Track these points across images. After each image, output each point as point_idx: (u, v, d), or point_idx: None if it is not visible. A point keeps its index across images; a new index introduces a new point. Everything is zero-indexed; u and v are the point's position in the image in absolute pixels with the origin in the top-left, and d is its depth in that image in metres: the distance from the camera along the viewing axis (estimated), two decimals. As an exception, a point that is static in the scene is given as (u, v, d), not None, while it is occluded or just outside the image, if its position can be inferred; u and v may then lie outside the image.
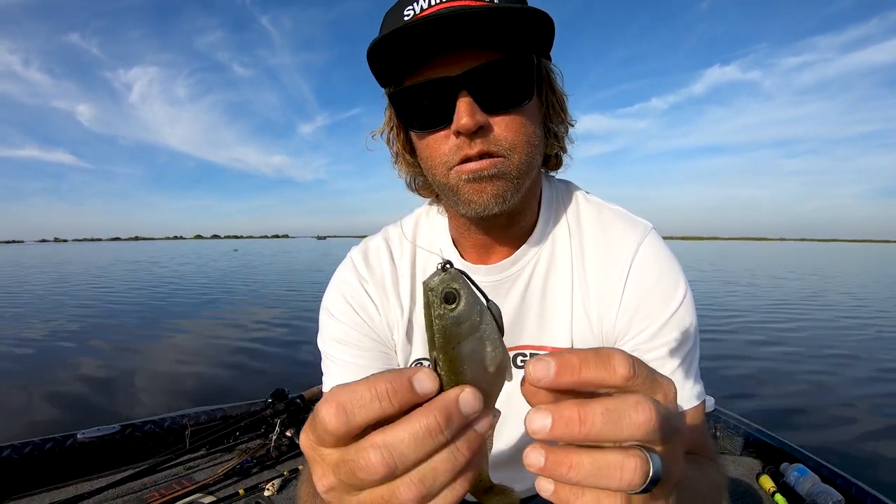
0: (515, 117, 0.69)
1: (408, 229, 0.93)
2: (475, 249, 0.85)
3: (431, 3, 0.65)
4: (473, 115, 0.65)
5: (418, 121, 0.72)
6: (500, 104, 0.68)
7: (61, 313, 10.41)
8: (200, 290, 15.12)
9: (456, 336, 0.35)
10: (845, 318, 9.97)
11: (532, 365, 0.32)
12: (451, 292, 0.34)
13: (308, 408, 2.77)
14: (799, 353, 6.86)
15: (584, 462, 0.32)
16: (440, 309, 0.35)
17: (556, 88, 0.78)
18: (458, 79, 0.65)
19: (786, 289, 16.10)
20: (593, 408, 0.31)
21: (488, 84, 0.66)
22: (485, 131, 0.67)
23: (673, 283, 0.79)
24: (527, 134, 0.70)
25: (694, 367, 0.80)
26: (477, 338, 0.35)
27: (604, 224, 0.85)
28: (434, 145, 0.72)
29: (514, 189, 0.71)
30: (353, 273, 0.90)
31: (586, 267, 0.82)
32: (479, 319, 0.35)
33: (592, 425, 0.31)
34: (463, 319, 0.34)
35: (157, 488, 2.14)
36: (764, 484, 2.17)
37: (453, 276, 0.35)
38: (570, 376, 0.32)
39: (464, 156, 0.68)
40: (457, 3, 0.64)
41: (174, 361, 6.34)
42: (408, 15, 0.67)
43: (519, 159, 0.70)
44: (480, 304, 0.35)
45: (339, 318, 0.88)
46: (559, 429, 0.32)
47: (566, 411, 0.32)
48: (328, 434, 0.32)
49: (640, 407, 0.32)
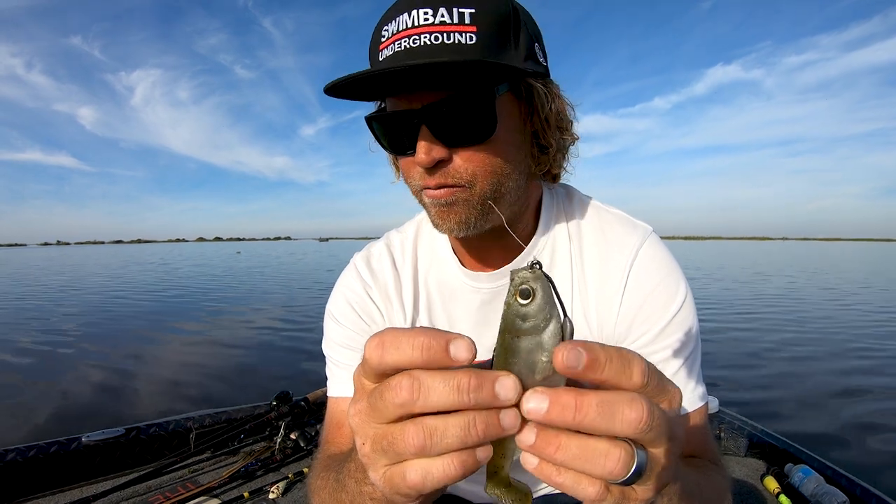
0: (477, 151, 0.68)
1: (409, 235, 0.94)
2: (473, 257, 0.86)
3: (400, 28, 0.65)
4: (430, 151, 0.66)
5: (390, 145, 0.75)
6: (460, 139, 0.67)
7: (66, 315, 10.46)
8: (204, 293, 15.15)
9: (516, 329, 0.36)
10: (852, 318, 9.93)
11: (566, 350, 0.32)
12: (527, 289, 0.36)
13: (312, 411, 2.78)
14: (803, 354, 6.84)
15: (572, 445, 0.33)
16: (511, 298, 0.36)
17: (542, 109, 0.73)
18: (418, 113, 0.66)
19: (788, 288, 16.07)
20: (590, 398, 0.33)
21: (446, 119, 0.66)
22: (444, 164, 0.68)
23: (673, 286, 0.79)
24: (492, 164, 0.69)
25: (696, 369, 0.80)
26: (536, 341, 0.36)
27: (603, 228, 0.85)
28: (406, 167, 0.75)
29: (478, 215, 0.71)
30: (356, 279, 0.91)
31: (586, 271, 0.83)
32: (543, 326, 0.35)
33: (586, 414, 0.32)
34: (528, 317, 0.36)
35: (162, 491, 2.15)
36: (768, 485, 2.17)
37: (537, 276, 0.36)
38: (593, 373, 0.33)
39: (424, 184, 0.71)
40: (421, 30, 0.64)
41: (178, 364, 6.36)
42: (384, 36, 0.67)
43: (482, 188, 0.70)
44: (553, 313, 0.36)
45: (343, 323, 0.89)
46: (554, 413, 0.33)
47: (563, 397, 0.33)
48: (366, 363, 0.36)
49: (634, 405, 0.33)
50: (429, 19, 0.63)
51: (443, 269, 0.89)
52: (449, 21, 0.63)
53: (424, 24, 0.63)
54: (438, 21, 0.63)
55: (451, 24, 0.63)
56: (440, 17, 0.63)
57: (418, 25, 0.63)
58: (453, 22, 0.63)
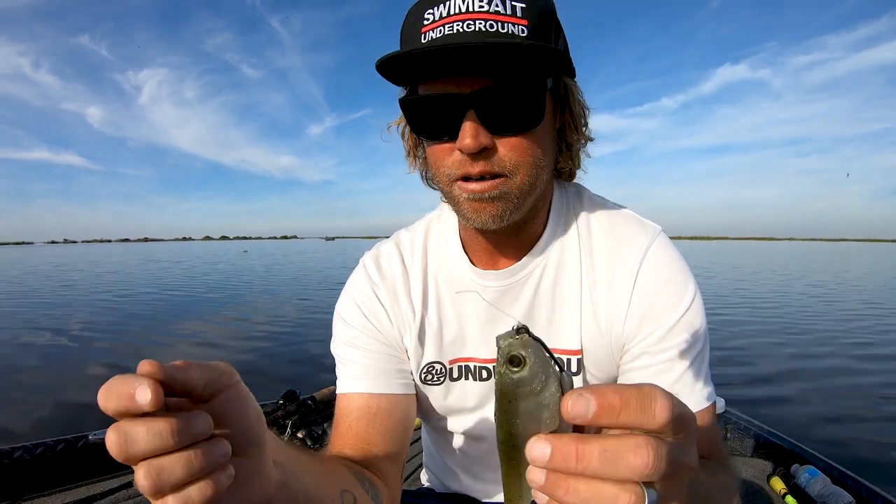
0: (522, 139, 0.69)
1: (419, 234, 0.94)
2: (485, 254, 0.86)
3: (451, 11, 0.65)
4: (477, 136, 0.66)
5: (425, 130, 0.73)
6: (507, 127, 0.68)
7: (76, 312, 10.53)
8: (211, 291, 15.26)
9: (513, 394, 0.36)
10: (859, 318, 9.89)
11: (572, 400, 0.32)
12: (517, 357, 0.35)
13: (320, 409, 2.78)
14: (808, 353, 6.82)
15: (581, 489, 0.33)
16: (502, 367, 0.35)
17: (574, 106, 0.77)
18: (466, 98, 0.66)
19: (792, 289, 16.01)
20: (591, 446, 0.32)
21: (496, 106, 0.66)
22: (488, 152, 0.68)
23: (682, 286, 0.79)
24: (533, 155, 0.70)
25: (704, 369, 0.80)
26: (536, 402, 0.35)
27: (613, 227, 0.85)
28: (439, 155, 0.73)
29: (513, 208, 0.72)
30: (365, 279, 0.91)
31: (595, 270, 0.83)
32: (539, 388, 0.35)
33: (588, 464, 0.32)
34: (523, 384, 0.35)
35: (169, 489, 2.15)
36: (775, 485, 2.16)
37: (524, 343, 0.35)
38: (608, 418, 0.32)
39: (465, 173, 0.69)
40: (475, 15, 0.64)
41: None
42: (427, 20, 0.67)
43: (522, 180, 0.70)
44: (550, 372, 0.35)
45: (350, 324, 0.89)
46: (556, 461, 0.33)
47: (565, 446, 0.32)
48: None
49: (639, 451, 0.32)
50: (483, 6, 0.64)
51: (452, 268, 0.89)
52: (503, 11, 0.64)
53: (479, 10, 0.64)
54: (493, 10, 0.64)
55: (505, 14, 0.65)
56: (494, 7, 0.64)
57: (472, 11, 0.64)
58: (506, 13, 0.65)
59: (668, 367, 0.77)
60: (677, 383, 0.76)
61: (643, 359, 0.79)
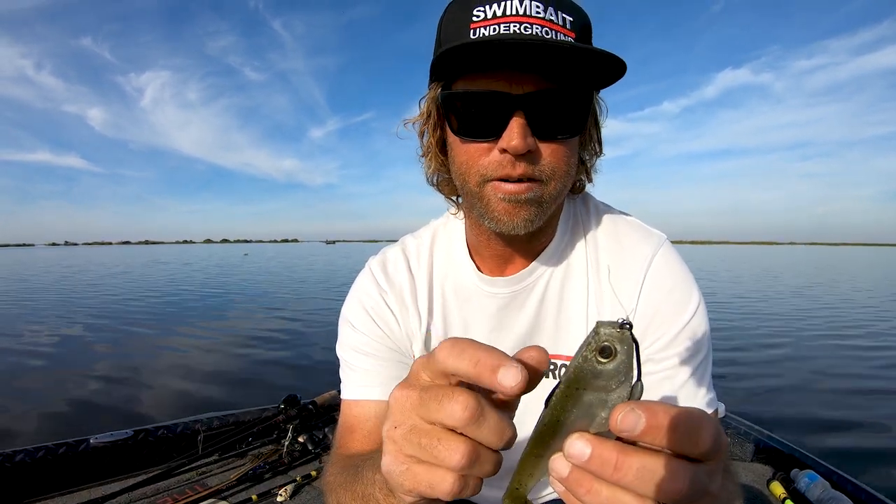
0: (561, 146, 0.70)
1: (425, 240, 0.94)
2: (493, 260, 0.86)
3: (507, 12, 0.65)
4: (525, 137, 0.66)
5: (463, 126, 0.71)
6: (552, 132, 0.68)
7: (79, 315, 10.50)
8: (212, 294, 15.21)
9: (585, 383, 0.35)
10: (858, 321, 9.87)
11: (623, 414, 0.32)
12: (609, 348, 0.34)
13: (320, 414, 2.78)
14: (808, 357, 6.80)
15: (602, 493, 0.33)
16: (591, 353, 0.35)
17: (598, 121, 0.79)
18: (518, 99, 0.66)
19: (792, 291, 15.99)
20: (632, 460, 0.32)
21: (545, 110, 0.67)
22: (531, 155, 0.68)
23: (686, 293, 0.80)
24: (568, 164, 0.71)
25: (707, 376, 0.81)
26: (602, 399, 0.35)
27: (619, 235, 0.86)
28: (474, 154, 0.71)
29: (543, 214, 0.73)
30: (372, 284, 0.91)
31: (601, 278, 0.84)
32: (614, 386, 0.34)
33: (623, 476, 0.32)
34: (601, 377, 0.34)
35: (170, 493, 2.16)
36: (774, 490, 2.16)
37: (622, 338, 0.34)
38: (652, 437, 0.32)
39: (505, 174, 0.69)
40: (531, 19, 0.65)
41: (186, 366, 6.38)
42: (478, 16, 0.66)
43: (554, 186, 0.71)
44: (629, 377, 0.34)
45: (358, 329, 0.89)
46: (593, 464, 0.32)
47: (607, 452, 0.32)
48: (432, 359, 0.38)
49: (676, 477, 0.32)
50: (539, 13, 0.65)
51: (459, 274, 0.89)
52: (555, 21, 0.66)
53: (535, 15, 0.65)
54: (548, 17, 0.65)
55: (556, 24, 0.66)
56: (549, 15, 0.65)
57: (529, 15, 0.65)
58: (558, 22, 0.66)
59: (672, 373, 0.78)
60: (681, 390, 0.77)
61: (648, 365, 0.80)
